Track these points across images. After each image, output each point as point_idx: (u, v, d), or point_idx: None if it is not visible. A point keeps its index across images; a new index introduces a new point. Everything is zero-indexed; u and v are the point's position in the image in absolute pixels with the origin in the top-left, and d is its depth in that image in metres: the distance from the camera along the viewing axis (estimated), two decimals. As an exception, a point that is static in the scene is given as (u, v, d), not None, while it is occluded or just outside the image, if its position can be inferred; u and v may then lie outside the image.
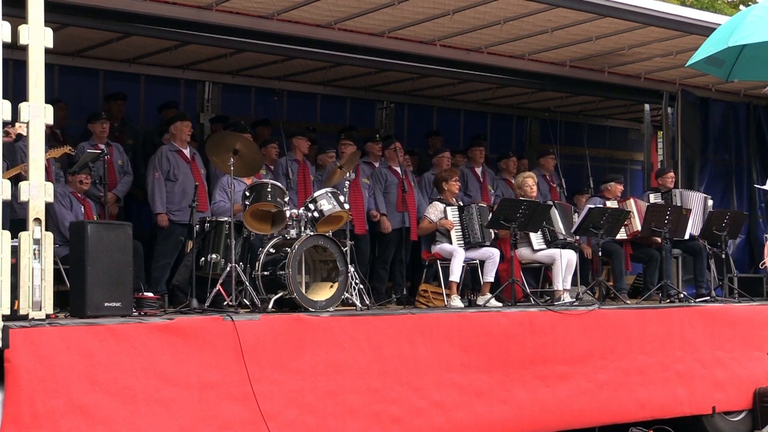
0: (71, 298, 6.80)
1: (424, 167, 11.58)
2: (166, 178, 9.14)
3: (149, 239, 9.32)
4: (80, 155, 8.76)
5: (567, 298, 9.61)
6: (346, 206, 8.55)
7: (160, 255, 9.12)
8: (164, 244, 9.15)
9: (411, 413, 7.66)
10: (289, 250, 7.85)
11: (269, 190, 8.21)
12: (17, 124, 6.77)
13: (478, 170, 11.46)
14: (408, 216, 10.22)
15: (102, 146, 8.98)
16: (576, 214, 10.70)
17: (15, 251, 6.15)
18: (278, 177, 9.50)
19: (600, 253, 10.15)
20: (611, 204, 10.86)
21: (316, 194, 8.47)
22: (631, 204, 10.97)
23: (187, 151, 9.32)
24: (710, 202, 11.47)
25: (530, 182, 10.26)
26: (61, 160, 8.74)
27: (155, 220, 9.16)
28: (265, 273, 7.98)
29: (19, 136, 7.18)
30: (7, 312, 6.03)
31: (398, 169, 10.37)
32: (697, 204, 11.28)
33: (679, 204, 11.15)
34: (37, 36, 6.29)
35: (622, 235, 10.64)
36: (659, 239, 10.55)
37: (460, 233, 9.55)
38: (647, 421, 9.17)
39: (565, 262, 9.74)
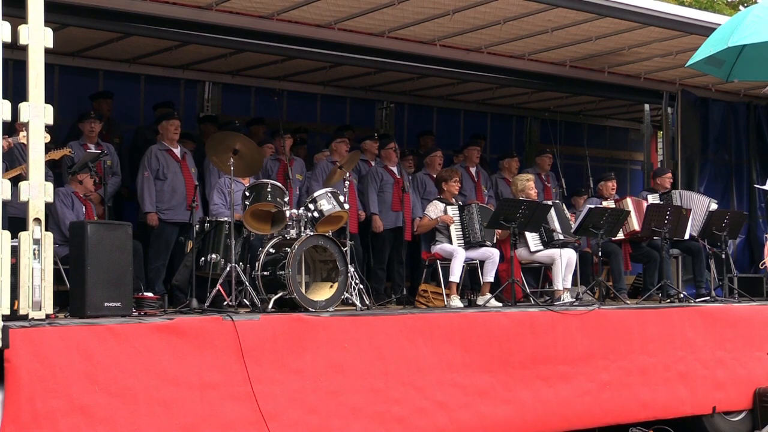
0: (71, 298, 6.79)
1: (420, 167, 11.57)
2: (155, 177, 9.13)
3: (139, 239, 9.28)
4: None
5: (567, 297, 9.60)
6: (346, 206, 8.55)
7: (153, 256, 9.09)
8: (156, 244, 9.13)
9: (414, 413, 7.64)
10: (289, 250, 7.84)
11: (269, 190, 8.21)
12: (21, 134, 6.77)
13: (473, 170, 11.45)
14: (402, 216, 10.21)
15: (91, 146, 8.98)
16: (573, 213, 10.70)
17: (15, 251, 6.14)
18: (259, 177, 9.48)
19: (600, 253, 10.15)
20: (608, 203, 10.87)
21: (316, 194, 8.47)
22: (628, 203, 10.96)
23: (177, 150, 9.31)
24: (714, 206, 11.44)
25: (532, 185, 10.29)
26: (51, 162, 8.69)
27: (144, 219, 9.15)
28: (265, 273, 7.98)
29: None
30: (7, 312, 6.03)
31: (394, 169, 10.37)
32: (700, 207, 11.26)
33: (679, 205, 11.14)
34: (37, 36, 6.28)
35: (619, 234, 10.65)
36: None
37: (461, 232, 9.54)
38: (647, 421, 9.17)
39: (565, 261, 9.74)
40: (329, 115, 12.99)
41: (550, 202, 10.31)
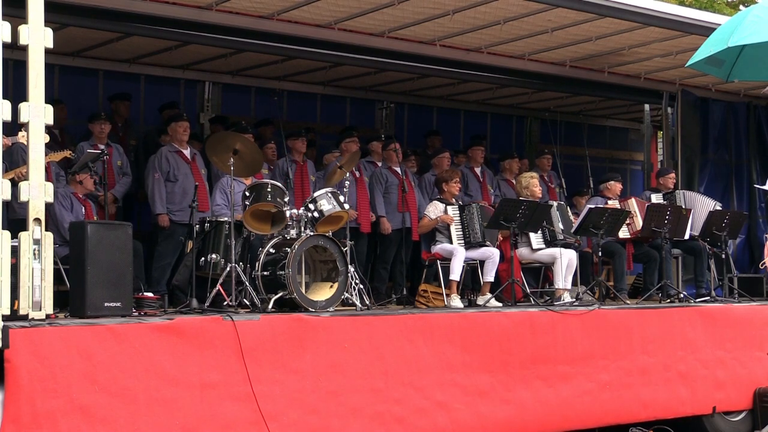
0: (71, 298, 6.79)
1: (426, 167, 11.59)
2: (166, 178, 9.14)
3: (149, 239, 9.32)
4: (80, 155, 8.77)
5: (567, 297, 9.60)
6: (346, 206, 8.55)
7: (160, 255, 9.12)
8: (165, 244, 9.14)
9: (414, 413, 7.64)
10: (289, 250, 7.84)
11: (269, 190, 8.20)
12: (20, 134, 6.78)
13: (478, 170, 11.45)
14: (409, 216, 10.21)
15: (101, 146, 8.98)
16: (575, 214, 10.71)
17: (15, 251, 6.14)
18: (276, 178, 9.50)
19: (600, 253, 10.15)
20: (613, 203, 10.88)
21: (316, 194, 8.47)
22: (633, 203, 10.98)
23: (187, 152, 9.32)
24: (718, 208, 11.44)
25: (536, 182, 10.30)
26: (61, 163, 8.73)
27: (156, 220, 9.16)
28: (265, 273, 7.98)
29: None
30: (7, 312, 6.03)
31: (398, 170, 10.37)
32: (703, 208, 11.26)
33: (682, 206, 11.15)
34: (37, 36, 6.28)
35: (625, 234, 10.67)
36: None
37: (461, 232, 9.54)
38: (647, 421, 9.17)
39: (565, 261, 9.74)
40: (329, 115, 12.99)
41: (552, 203, 10.32)
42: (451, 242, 9.49)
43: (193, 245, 8.20)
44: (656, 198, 11.46)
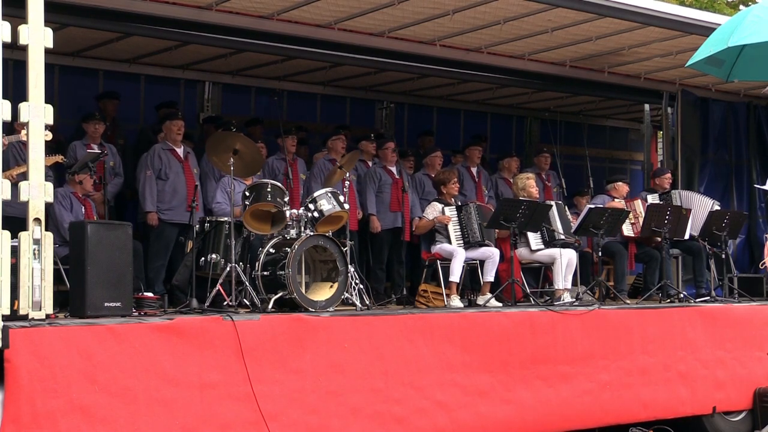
0: (71, 298, 6.79)
1: (419, 167, 11.57)
2: (157, 176, 9.13)
3: (139, 239, 9.27)
4: (72, 154, 8.76)
5: (567, 297, 9.61)
6: (346, 206, 8.55)
7: (153, 256, 9.08)
8: (156, 244, 9.12)
9: (414, 413, 7.64)
10: (289, 250, 7.84)
11: (269, 190, 8.21)
12: (22, 132, 6.77)
13: (474, 170, 11.44)
14: (401, 216, 10.21)
15: (95, 146, 8.99)
16: (575, 214, 10.71)
17: (15, 251, 6.14)
18: (265, 176, 9.48)
19: (600, 253, 10.15)
20: (619, 202, 10.89)
21: (316, 194, 8.47)
22: (639, 204, 11.02)
23: (180, 151, 9.31)
24: (717, 207, 11.44)
25: (532, 183, 10.30)
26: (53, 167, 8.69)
27: (145, 218, 9.15)
28: (265, 273, 7.98)
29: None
30: (7, 312, 6.02)
31: (393, 169, 10.36)
32: (701, 208, 11.27)
33: (679, 205, 11.16)
34: (37, 36, 6.28)
35: (629, 231, 10.68)
36: (659, 238, 10.60)
37: (459, 233, 9.54)
38: (647, 421, 9.17)
39: (565, 261, 9.74)
40: (329, 115, 12.99)
41: (551, 202, 10.33)
42: (450, 243, 9.48)
43: (193, 245, 8.20)
44: (652, 199, 11.46)
